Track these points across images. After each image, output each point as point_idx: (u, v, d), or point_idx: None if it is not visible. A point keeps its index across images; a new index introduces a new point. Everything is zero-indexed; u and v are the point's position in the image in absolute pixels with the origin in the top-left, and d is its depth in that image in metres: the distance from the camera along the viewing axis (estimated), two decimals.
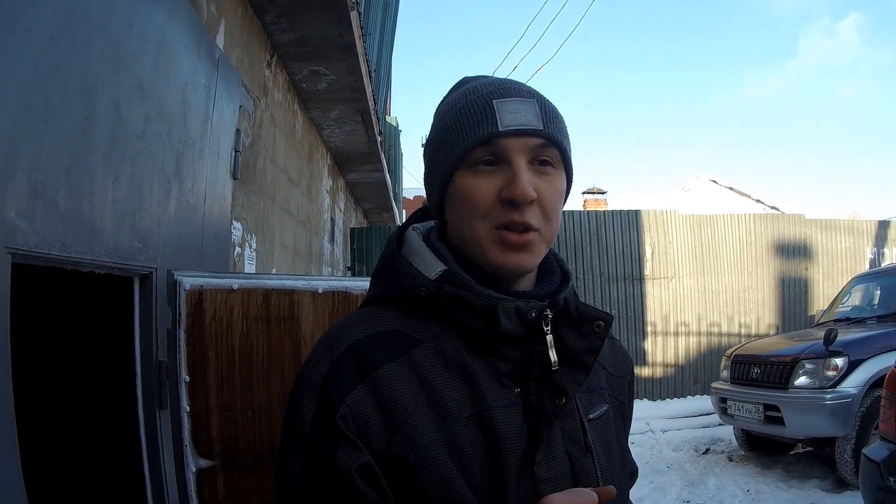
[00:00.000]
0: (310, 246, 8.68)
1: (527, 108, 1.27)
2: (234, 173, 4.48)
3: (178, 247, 3.35)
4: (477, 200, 1.25)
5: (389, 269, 1.35)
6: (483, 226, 1.25)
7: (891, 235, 16.01)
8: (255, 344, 2.98)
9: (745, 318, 14.80)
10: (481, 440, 1.20)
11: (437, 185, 1.33)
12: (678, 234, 14.65)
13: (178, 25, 3.32)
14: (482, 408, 1.21)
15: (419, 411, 1.17)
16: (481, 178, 1.25)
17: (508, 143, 1.24)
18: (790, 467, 9.12)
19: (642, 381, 14.02)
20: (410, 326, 1.27)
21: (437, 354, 1.24)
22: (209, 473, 2.91)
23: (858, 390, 7.93)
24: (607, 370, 1.50)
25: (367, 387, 1.16)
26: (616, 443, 1.43)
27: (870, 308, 10.08)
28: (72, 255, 2.38)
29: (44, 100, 2.21)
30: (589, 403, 1.38)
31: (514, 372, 1.26)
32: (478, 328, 1.24)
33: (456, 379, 1.23)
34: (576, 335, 1.27)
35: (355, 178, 12.52)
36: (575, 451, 1.29)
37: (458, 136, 1.28)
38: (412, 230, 1.41)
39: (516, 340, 1.25)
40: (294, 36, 6.00)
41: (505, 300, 1.23)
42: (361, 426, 1.14)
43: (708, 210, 16.45)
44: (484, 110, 1.27)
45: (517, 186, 1.22)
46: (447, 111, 1.34)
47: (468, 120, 1.28)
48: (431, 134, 1.38)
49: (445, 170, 1.30)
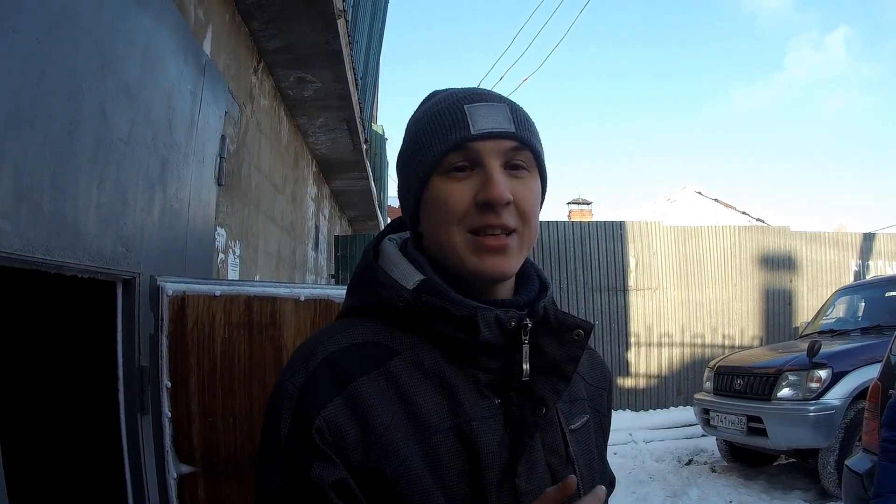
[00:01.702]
0: (294, 253, 8.66)
1: (498, 112, 1.28)
2: (218, 179, 4.47)
3: (161, 252, 3.34)
4: (452, 205, 1.25)
5: (366, 281, 1.34)
6: (459, 231, 1.25)
7: (875, 248, 16.11)
8: (236, 351, 2.98)
9: (729, 329, 14.86)
10: (461, 452, 1.19)
11: (412, 194, 1.32)
12: (663, 246, 14.70)
13: (166, 30, 3.31)
14: (462, 419, 1.20)
15: (397, 424, 1.16)
16: (455, 183, 1.26)
17: (482, 147, 1.25)
18: (773, 478, 9.14)
19: (625, 392, 14.05)
20: (388, 337, 1.26)
21: (415, 365, 1.23)
22: (190, 479, 2.90)
23: (842, 402, 7.97)
24: (586, 381, 1.50)
25: (343, 399, 1.15)
26: (596, 453, 1.44)
27: (854, 320, 10.13)
28: (56, 258, 2.37)
29: (30, 102, 2.20)
30: (570, 414, 1.38)
31: (494, 382, 1.25)
32: (457, 338, 1.23)
33: (435, 390, 1.22)
34: (555, 344, 1.27)
35: (340, 186, 12.50)
36: (556, 462, 1.28)
37: (432, 142, 1.28)
38: (388, 240, 1.41)
39: (496, 350, 1.24)
40: (281, 43, 6.00)
41: (484, 309, 1.23)
42: (338, 439, 1.13)
43: (693, 222, 16.52)
44: (455, 115, 1.27)
45: (493, 188, 1.22)
46: (419, 119, 1.35)
47: (440, 126, 1.28)
48: (404, 145, 1.38)
49: (419, 177, 1.29)
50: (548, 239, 14.06)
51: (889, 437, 3.31)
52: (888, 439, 3.31)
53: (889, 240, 16.42)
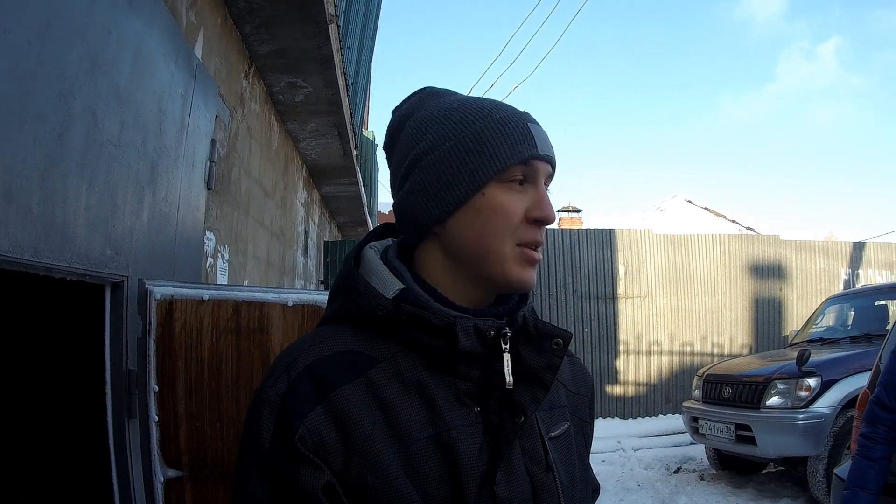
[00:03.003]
0: (283, 258, 8.65)
1: (548, 137, 1.34)
2: (208, 183, 4.46)
3: (150, 256, 3.33)
4: (511, 216, 1.27)
5: (346, 289, 1.34)
6: (510, 242, 1.27)
7: (865, 257, 16.20)
8: (224, 355, 2.98)
9: (719, 337, 14.91)
10: (441, 460, 1.19)
11: (459, 194, 1.28)
12: (652, 254, 14.75)
13: (157, 33, 3.31)
14: (441, 428, 1.21)
15: (377, 432, 1.17)
16: (515, 194, 1.28)
17: (539, 167, 1.30)
18: (762, 486, 9.16)
19: (614, 400, 14.07)
20: (368, 346, 1.26)
21: (394, 374, 1.23)
22: (177, 484, 2.90)
23: (831, 410, 8.00)
24: (567, 388, 1.51)
25: (324, 408, 1.16)
26: (578, 460, 1.44)
27: (843, 329, 10.19)
28: (44, 260, 2.36)
29: (20, 104, 2.19)
30: (550, 421, 1.38)
31: (473, 391, 1.26)
32: (436, 347, 1.24)
33: (414, 399, 1.22)
34: (535, 353, 1.28)
35: (330, 192, 12.49)
36: (536, 469, 1.29)
37: (499, 149, 1.27)
38: (369, 248, 1.41)
39: (475, 359, 1.25)
40: (273, 47, 5.99)
41: (463, 318, 1.23)
42: (319, 447, 1.13)
43: (683, 230, 16.58)
44: (523, 131, 1.30)
45: (549, 209, 1.30)
46: (471, 120, 1.30)
47: (508, 136, 1.28)
48: (440, 139, 1.31)
49: (477, 179, 1.27)
50: None
51: (866, 432, 3.35)
52: (865, 435, 3.34)
53: (879, 249, 16.51)
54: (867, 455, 3.29)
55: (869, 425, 3.35)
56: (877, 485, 3.25)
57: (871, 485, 3.24)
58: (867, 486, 3.24)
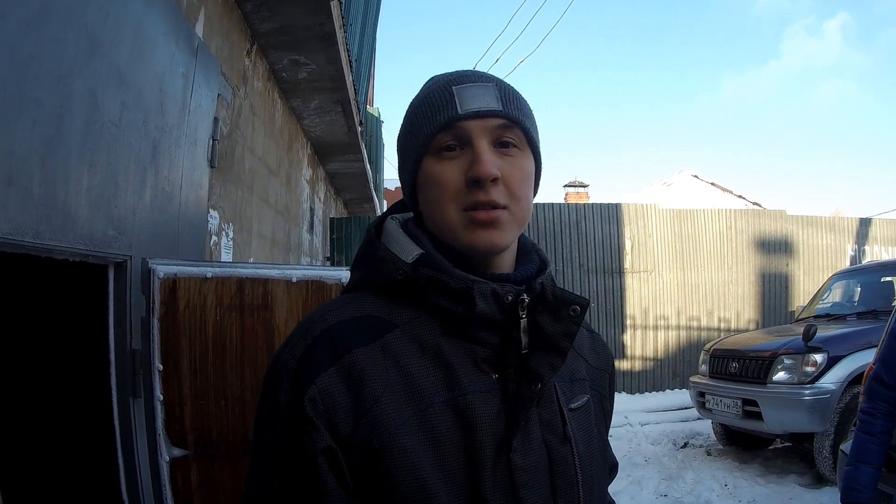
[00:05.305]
0: (288, 236, 8.66)
1: (486, 92, 1.30)
2: (211, 162, 4.46)
3: (153, 235, 3.33)
4: (444, 185, 1.27)
5: (368, 256, 1.36)
6: (453, 209, 1.27)
7: (872, 233, 16.10)
8: (228, 333, 2.98)
9: (725, 312, 14.85)
10: (456, 425, 1.19)
11: (408, 175, 1.36)
12: (658, 228, 14.67)
13: (157, 13, 3.30)
14: (457, 392, 1.21)
15: (389, 395, 1.17)
16: (446, 162, 1.28)
17: (469, 126, 1.27)
18: (768, 462, 9.15)
19: (621, 375, 14.04)
20: (387, 311, 1.27)
21: (412, 338, 1.24)
22: (182, 462, 2.91)
23: (837, 386, 7.95)
24: (588, 362, 1.51)
25: (337, 369, 1.16)
26: (597, 435, 1.44)
27: (850, 305, 10.12)
28: (46, 242, 2.37)
29: (19, 87, 2.19)
30: (570, 393, 1.38)
31: (492, 357, 1.26)
32: (453, 311, 1.24)
33: (431, 363, 1.23)
34: (552, 320, 1.28)
35: (335, 168, 12.48)
36: (553, 439, 1.28)
37: (422, 124, 1.30)
38: (391, 219, 1.42)
39: (493, 325, 1.25)
40: (274, 25, 5.98)
41: (480, 282, 1.24)
42: (329, 409, 1.14)
43: (690, 205, 16.50)
44: (444, 96, 1.30)
45: (480, 166, 1.24)
46: (411, 104, 1.37)
47: (429, 107, 1.30)
48: (401, 128, 1.41)
49: (413, 158, 1.32)
50: (544, 221, 14.05)
51: (866, 407, 3.35)
52: (865, 410, 3.35)
53: (885, 225, 16.41)
54: (867, 430, 3.29)
55: (868, 401, 3.36)
56: (878, 459, 3.25)
57: (873, 459, 3.25)
58: (868, 460, 3.25)
